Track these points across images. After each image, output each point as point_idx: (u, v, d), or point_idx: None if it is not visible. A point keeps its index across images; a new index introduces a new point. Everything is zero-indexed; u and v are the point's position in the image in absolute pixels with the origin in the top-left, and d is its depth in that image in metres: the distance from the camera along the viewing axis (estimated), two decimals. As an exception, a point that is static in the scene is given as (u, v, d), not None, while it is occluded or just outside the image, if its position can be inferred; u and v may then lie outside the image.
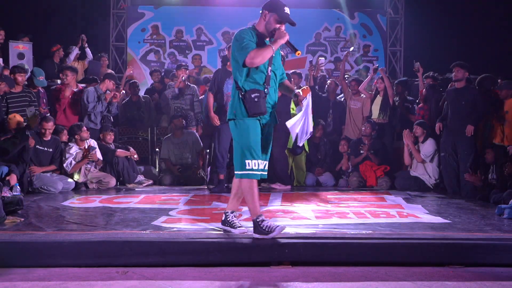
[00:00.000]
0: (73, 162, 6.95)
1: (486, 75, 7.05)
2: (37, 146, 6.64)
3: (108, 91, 7.74)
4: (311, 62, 9.28)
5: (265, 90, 3.96)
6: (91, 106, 7.55)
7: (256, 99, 3.89)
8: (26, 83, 7.29)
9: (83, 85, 8.13)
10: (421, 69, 7.64)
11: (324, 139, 7.97)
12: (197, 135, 8.02)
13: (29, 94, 7.04)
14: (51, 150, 6.81)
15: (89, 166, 7.14)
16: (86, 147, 7.02)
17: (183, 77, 8.24)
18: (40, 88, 7.59)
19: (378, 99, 7.87)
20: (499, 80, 7.16)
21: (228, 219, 4.09)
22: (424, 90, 7.58)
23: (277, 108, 7.07)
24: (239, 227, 4.03)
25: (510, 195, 5.35)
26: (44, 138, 6.73)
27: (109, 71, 9.30)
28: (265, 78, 3.98)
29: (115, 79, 8.24)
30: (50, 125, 6.77)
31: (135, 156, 7.66)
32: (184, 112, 8.20)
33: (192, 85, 8.66)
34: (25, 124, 6.60)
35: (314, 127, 7.81)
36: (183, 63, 8.79)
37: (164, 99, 8.67)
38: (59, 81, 8.18)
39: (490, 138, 6.66)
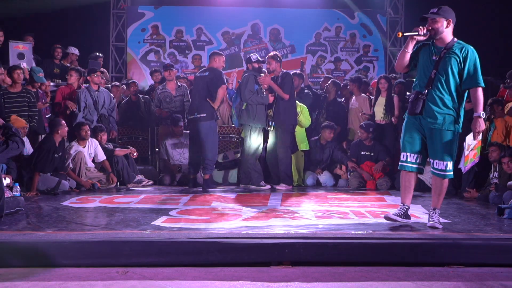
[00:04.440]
0: (71, 165, 6.96)
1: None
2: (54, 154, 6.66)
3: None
4: (302, 63, 9.43)
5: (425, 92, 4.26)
6: (80, 116, 7.55)
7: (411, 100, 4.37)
8: (25, 82, 7.28)
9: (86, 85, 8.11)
10: None
11: (333, 142, 7.82)
12: None
13: (28, 94, 6.99)
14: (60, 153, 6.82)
15: (89, 166, 7.15)
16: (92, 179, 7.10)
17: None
18: (39, 89, 7.56)
19: (381, 100, 7.69)
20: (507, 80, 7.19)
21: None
22: None
23: (281, 109, 7.12)
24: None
25: (510, 195, 5.35)
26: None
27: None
28: (427, 80, 4.27)
29: (80, 72, 8.15)
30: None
31: (135, 154, 7.66)
32: (177, 118, 7.90)
33: (183, 85, 8.44)
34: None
35: (325, 130, 7.78)
36: (169, 64, 8.72)
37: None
38: (54, 82, 8.20)
39: (493, 138, 6.67)
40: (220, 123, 8.45)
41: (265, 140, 7.40)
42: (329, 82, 8.47)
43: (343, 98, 8.57)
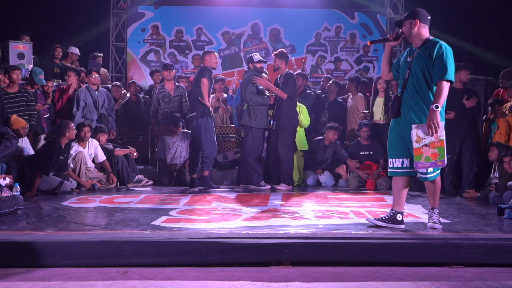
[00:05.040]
0: (71, 165, 6.95)
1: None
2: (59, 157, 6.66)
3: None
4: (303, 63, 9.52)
5: (400, 93, 4.18)
6: (79, 115, 7.55)
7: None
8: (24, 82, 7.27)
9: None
10: None
11: (337, 142, 7.81)
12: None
13: (26, 94, 6.99)
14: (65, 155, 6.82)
15: (89, 166, 7.15)
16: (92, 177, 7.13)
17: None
18: (38, 90, 7.55)
19: (379, 100, 7.65)
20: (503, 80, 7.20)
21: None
22: None
23: (283, 109, 7.11)
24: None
25: (510, 195, 5.35)
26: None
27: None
28: (403, 81, 4.21)
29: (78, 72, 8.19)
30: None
31: (135, 153, 7.65)
32: (177, 117, 7.88)
33: (181, 85, 8.42)
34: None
35: (329, 131, 7.76)
36: (169, 64, 8.71)
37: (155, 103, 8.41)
38: (55, 82, 8.18)
39: (495, 138, 6.67)
40: (220, 123, 8.46)
41: (266, 140, 7.40)
42: (330, 82, 8.47)
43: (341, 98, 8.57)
